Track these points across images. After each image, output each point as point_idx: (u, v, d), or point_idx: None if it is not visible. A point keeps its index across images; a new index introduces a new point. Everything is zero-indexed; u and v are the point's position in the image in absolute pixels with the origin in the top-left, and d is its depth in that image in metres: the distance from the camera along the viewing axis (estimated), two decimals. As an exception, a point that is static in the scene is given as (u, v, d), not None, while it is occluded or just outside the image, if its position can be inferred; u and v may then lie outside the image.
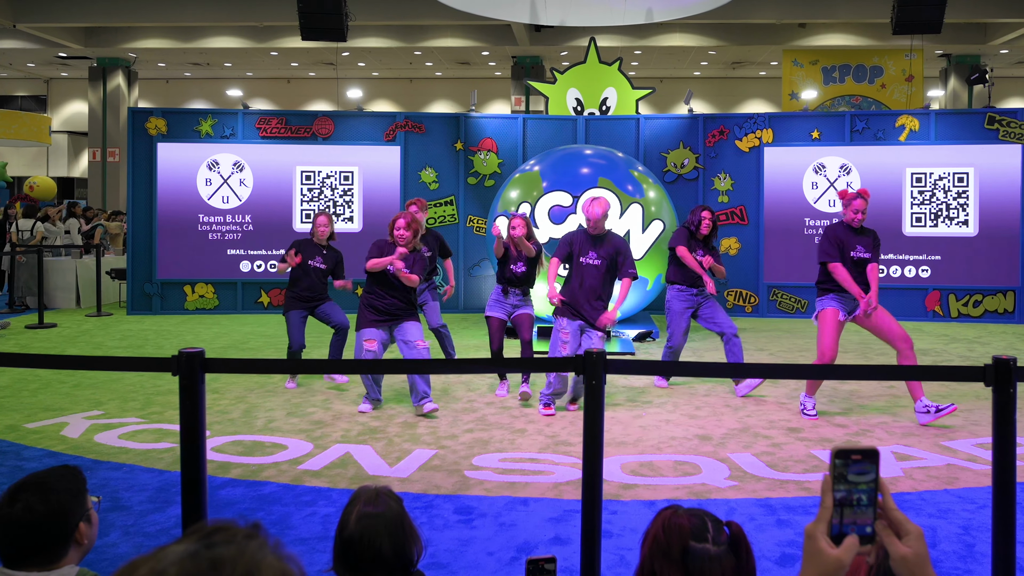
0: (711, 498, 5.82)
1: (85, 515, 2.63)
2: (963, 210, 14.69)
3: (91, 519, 2.67)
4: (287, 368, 7.42)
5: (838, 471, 1.51)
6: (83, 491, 2.67)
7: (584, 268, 8.11)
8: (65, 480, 2.64)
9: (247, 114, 15.75)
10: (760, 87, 32.30)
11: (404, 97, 33.10)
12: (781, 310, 15.11)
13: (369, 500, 2.76)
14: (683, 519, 1.94)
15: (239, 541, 1.06)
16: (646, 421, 7.87)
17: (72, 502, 2.61)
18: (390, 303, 8.19)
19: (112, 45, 25.59)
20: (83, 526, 2.62)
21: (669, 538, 1.91)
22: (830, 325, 7.93)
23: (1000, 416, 3.38)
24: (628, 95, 15.57)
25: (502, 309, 8.98)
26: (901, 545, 1.52)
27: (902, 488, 6.02)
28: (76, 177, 33.93)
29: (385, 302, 8.19)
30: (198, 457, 3.55)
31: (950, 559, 4.78)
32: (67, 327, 13.74)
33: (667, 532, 1.92)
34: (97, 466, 6.45)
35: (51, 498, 2.56)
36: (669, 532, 1.92)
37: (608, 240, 8.18)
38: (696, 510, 1.99)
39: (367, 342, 8.10)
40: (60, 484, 2.62)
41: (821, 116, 15.71)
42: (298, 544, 4.91)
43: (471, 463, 6.57)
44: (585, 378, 3.48)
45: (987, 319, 14.66)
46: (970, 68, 25.58)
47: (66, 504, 2.59)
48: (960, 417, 8.02)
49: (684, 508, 2.00)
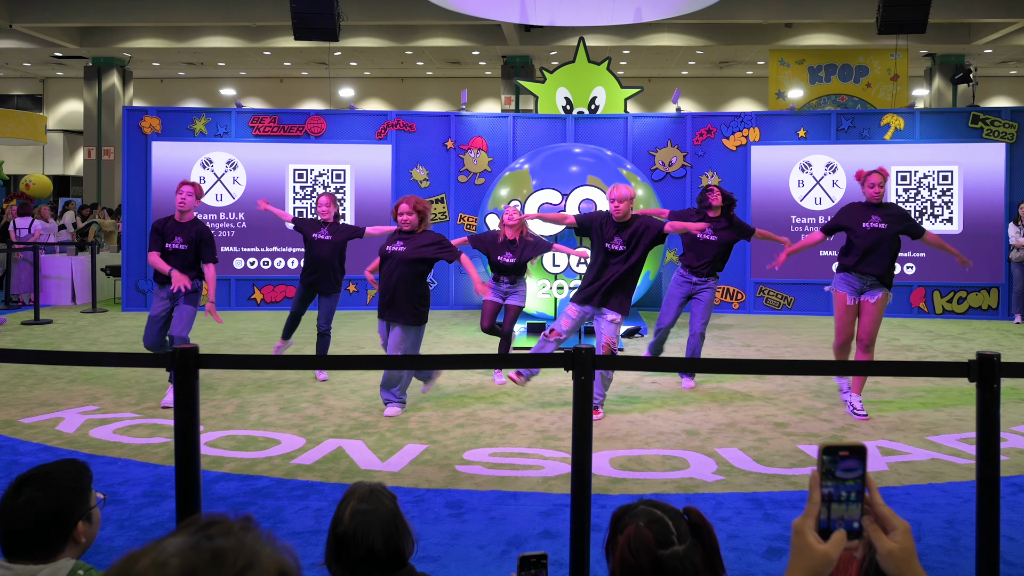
0: (698, 492, 5.82)
1: (86, 513, 2.61)
2: (947, 208, 14.71)
3: (92, 517, 2.65)
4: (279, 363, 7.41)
5: (826, 467, 1.51)
6: (87, 488, 2.65)
7: (608, 253, 7.74)
8: (70, 476, 2.63)
9: (240, 113, 15.71)
10: (747, 86, 32.29)
11: (395, 96, 33.02)
12: (768, 307, 15.12)
13: (363, 497, 2.75)
14: (645, 531, 1.88)
15: (236, 533, 1.07)
16: (634, 416, 7.87)
17: (74, 499, 2.59)
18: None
19: (107, 45, 25.48)
20: (82, 524, 2.59)
21: (637, 556, 1.86)
22: (840, 310, 7.91)
23: (984, 411, 3.39)
24: (617, 94, 15.56)
25: (496, 294, 9.24)
26: (888, 540, 1.52)
27: (887, 482, 6.02)
28: (71, 175, 33.81)
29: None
30: (192, 452, 3.54)
31: (935, 552, 4.78)
32: (62, 323, 13.70)
33: (634, 550, 1.87)
34: (92, 460, 6.38)
35: (53, 494, 2.55)
36: (636, 550, 1.87)
37: (631, 225, 7.80)
38: (652, 510, 1.94)
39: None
40: (64, 480, 2.60)
41: (807, 115, 15.72)
42: (291, 537, 4.90)
43: (462, 457, 6.57)
44: (574, 374, 3.48)
45: (971, 315, 14.69)
46: (954, 67, 25.58)
47: (68, 501, 2.57)
48: (944, 412, 8.04)
49: (642, 508, 1.96)
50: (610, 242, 7.72)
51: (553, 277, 11.05)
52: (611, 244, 7.72)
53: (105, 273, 16.64)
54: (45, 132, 27.57)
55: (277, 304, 15.28)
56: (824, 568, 1.49)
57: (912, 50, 23.83)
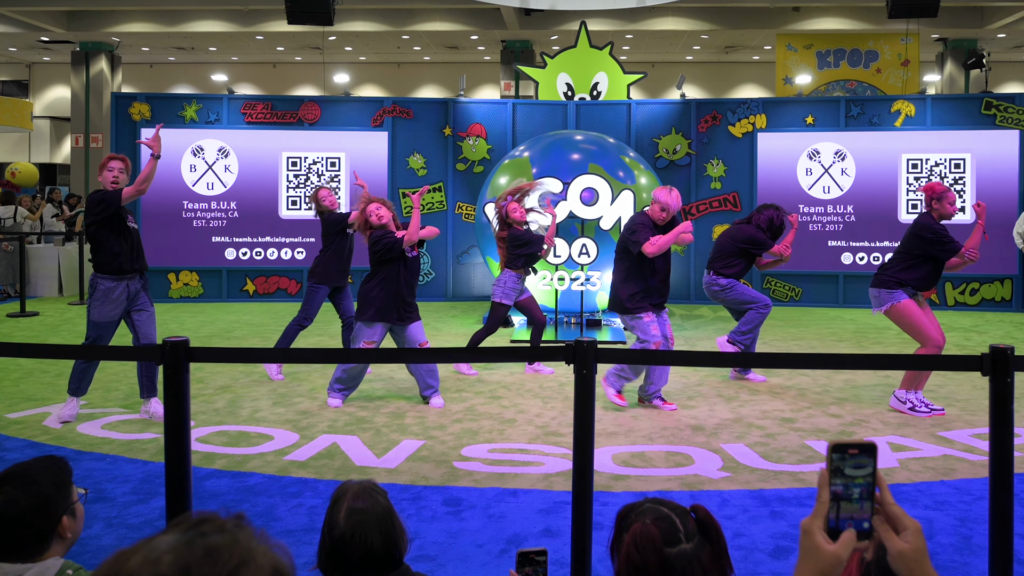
0: (704, 489, 5.82)
1: (69, 508, 2.62)
2: (959, 197, 14.68)
3: (75, 512, 2.65)
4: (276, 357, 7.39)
5: (835, 465, 1.50)
6: (68, 483, 2.66)
7: (655, 258, 7.91)
8: (49, 472, 2.63)
9: (232, 99, 15.70)
10: (753, 72, 32.25)
11: (392, 82, 32.99)
12: (775, 298, 15.10)
13: (357, 496, 2.74)
14: (651, 528, 1.87)
15: (230, 530, 1.08)
16: (637, 411, 7.86)
17: (56, 495, 2.59)
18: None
19: (95, 29, 25.43)
20: (67, 519, 2.60)
21: (644, 555, 1.85)
22: (916, 312, 7.84)
23: (997, 406, 3.37)
24: (619, 80, 15.53)
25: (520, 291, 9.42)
26: (899, 540, 1.51)
27: (898, 479, 6.02)
28: (59, 163, 33.77)
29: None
30: (182, 448, 3.54)
31: (947, 551, 4.78)
32: (49, 315, 13.70)
33: (640, 548, 1.86)
34: (80, 457, 6.43)
35: (34, 491, 2.55)
36: (642, 548, 1.86)
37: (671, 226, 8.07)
38: (659, 508, 1.94)
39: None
40: (44, 476, 2.60)
41: (815, 101, 15.71)
42: (284, 536, 4.89)
43: (460, 454, 6.56)
44: (575, 367, 3.46)
45: (984, 307, 14.68)
46: (967, 52, 25.53)
47: (49, 497, 2.58)
48: (957, 407, 8.04)
49: (648, 506, 1.95)
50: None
51: (554, 268, 11.05)
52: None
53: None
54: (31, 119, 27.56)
55: (270, 296, 15.27)
56: (833, 570, 1.48)
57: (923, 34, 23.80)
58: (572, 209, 11.21)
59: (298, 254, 15.32)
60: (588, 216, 11.21)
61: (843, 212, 14.92)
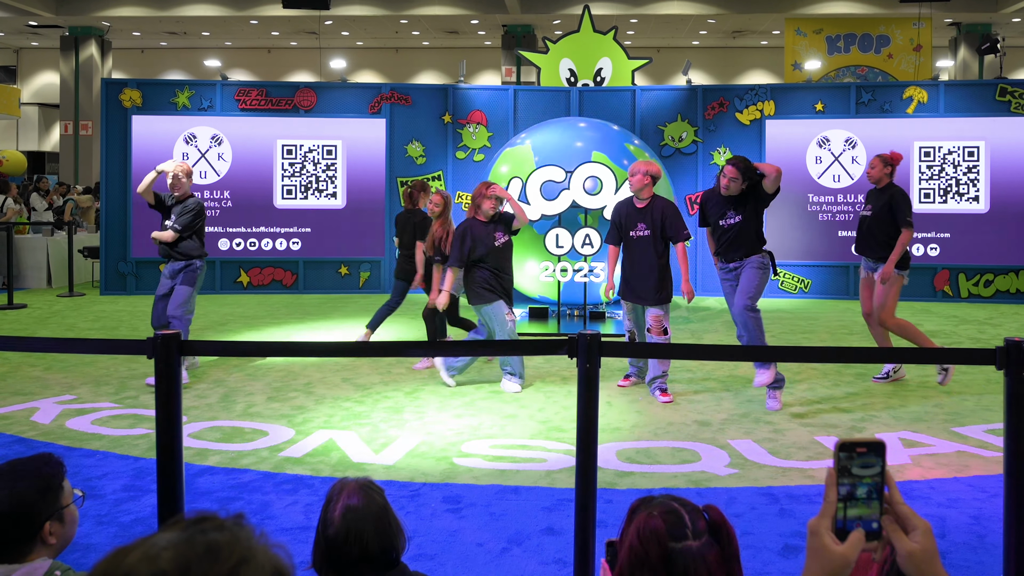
0: (710, 486, 5.81)
1: (57, 513, 2.59)
2: (973, 186, 14.68)
3: (64, 517, 2.62)
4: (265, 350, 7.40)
5: (842, 464, 1.50)
6: (54, 487, 2.62)
7: (635, 243, 8.15)
8: (36, 475, 2.60)
9: (226, 85, 15.68)
10: (761, 57, 32.23)
11: (390, 68, 32.98)
12: (784, 290, 15.10)
13: (352, 494, 2.73)
14: (657, 520, 1.85)
15: (230, 528, 1.08)
16: (642, 406, 7.86)
17: (39, 499, 2.56)
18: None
19: (85, 13, 25.43)
20: (52, 525, 2.56)
21: (646, 546, 1.83)
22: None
23: (1013, 401, 3.37)
24: (624, 65, 15.50)
25: None
26: (908, 541, 1.51)
27: (910, 476, 6.01)
28: (47, 151, 33.78)
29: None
30: (175, 444, 3.54)
31: (960, 550, 4.77)
32: (38, 308, 13.69)
33: (643, 539, 1.84)
34: (69, 453, 6.43)
35: (15, 494, 2.53)
36: (645, 539, 1.84)
37: (654, 207, 8.14)
38: (669, 502, 1.91)
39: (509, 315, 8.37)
40: (28, 479, 2.57)
41: (825, 87, 15.70)
42: (280, 534, 4.89)
43: (460, 450, 6.56)
44: (579, 361, 3.46)
45: (998, 299, 14.67)
46: (981, 37, 25.51)
47: (31, 501, 2.54)
48: (971, 402, 8.03)
49: (657, 499, 1.93)
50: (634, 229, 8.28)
51: (556, 259, 11.03)
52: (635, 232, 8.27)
53: (83, 255, 16.63)
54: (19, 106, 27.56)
55: (264, 287, 15.27)
56: (842, 571, 1.48)
57: (936, 19, 23.77)
58: (575, 198, 11.17)
59: (293, 244, 15.32)
60: (591, 205, 11.17)
61: (853, 201, 14.89)
